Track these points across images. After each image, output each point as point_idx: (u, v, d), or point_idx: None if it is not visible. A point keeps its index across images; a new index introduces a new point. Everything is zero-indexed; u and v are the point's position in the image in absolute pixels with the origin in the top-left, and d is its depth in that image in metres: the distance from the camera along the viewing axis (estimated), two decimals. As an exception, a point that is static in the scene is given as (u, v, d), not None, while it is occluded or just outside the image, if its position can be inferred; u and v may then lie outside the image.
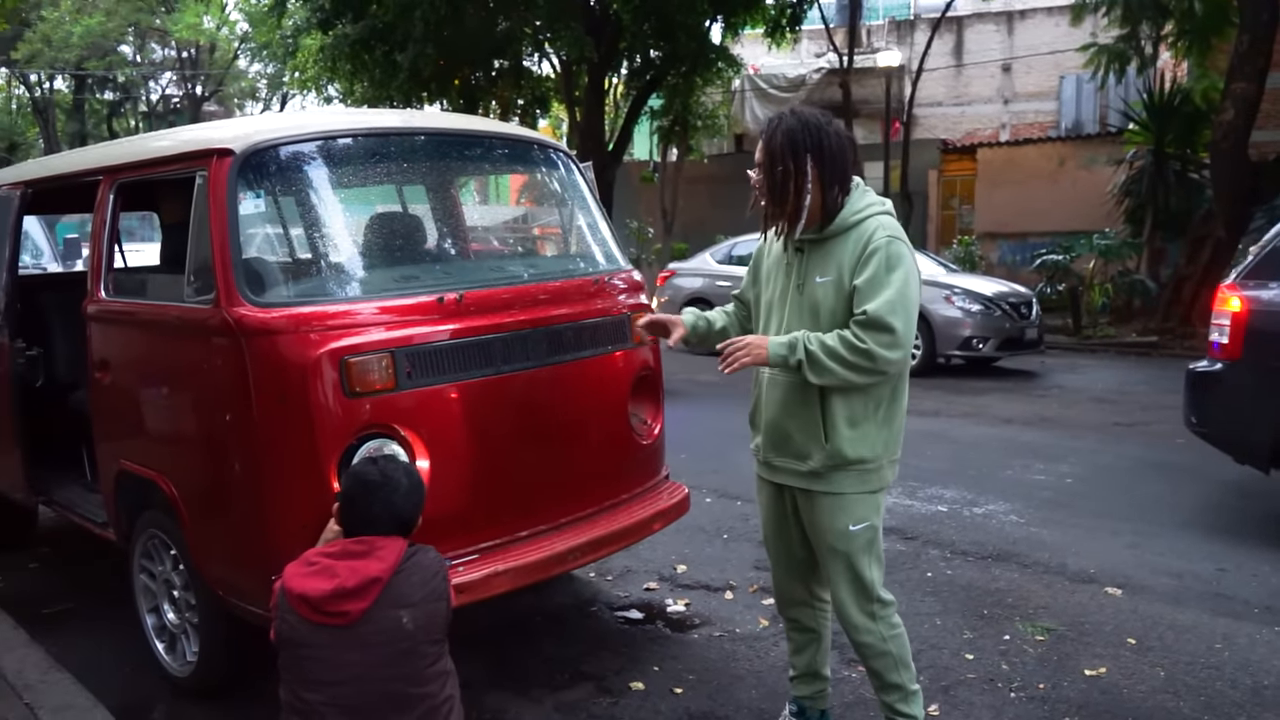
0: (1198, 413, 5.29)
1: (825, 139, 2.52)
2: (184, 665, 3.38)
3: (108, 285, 3.55)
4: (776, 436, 2.69)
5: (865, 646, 2.69)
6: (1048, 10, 21.61)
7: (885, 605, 2.69)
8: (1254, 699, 3.25)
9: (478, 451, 3.07)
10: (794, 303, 2.63)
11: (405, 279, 3.26)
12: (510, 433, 3.16)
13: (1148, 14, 14.55)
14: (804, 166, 2.51)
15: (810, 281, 2.59)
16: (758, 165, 2.61)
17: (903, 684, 2.70)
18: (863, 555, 2.63)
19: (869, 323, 2.44)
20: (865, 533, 2.63)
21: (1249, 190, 11.72)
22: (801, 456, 2.63)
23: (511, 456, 3.16)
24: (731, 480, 6.11)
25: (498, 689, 3.39)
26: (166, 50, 33.53)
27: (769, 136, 2.56)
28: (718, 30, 15.60)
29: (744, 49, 17.82)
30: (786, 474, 2.70)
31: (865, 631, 2.67)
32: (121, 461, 3.45)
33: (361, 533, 2.30)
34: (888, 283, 2.46)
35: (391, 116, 4.51)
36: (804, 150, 2.51)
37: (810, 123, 2.54)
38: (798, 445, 2.63)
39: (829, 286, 2.55)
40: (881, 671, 2.69)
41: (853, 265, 2.51)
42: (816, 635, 2.93)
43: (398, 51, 14.12)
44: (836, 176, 2.54)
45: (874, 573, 2.66)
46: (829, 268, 2.56)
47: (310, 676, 2.17)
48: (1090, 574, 4.39)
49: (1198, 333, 12.04)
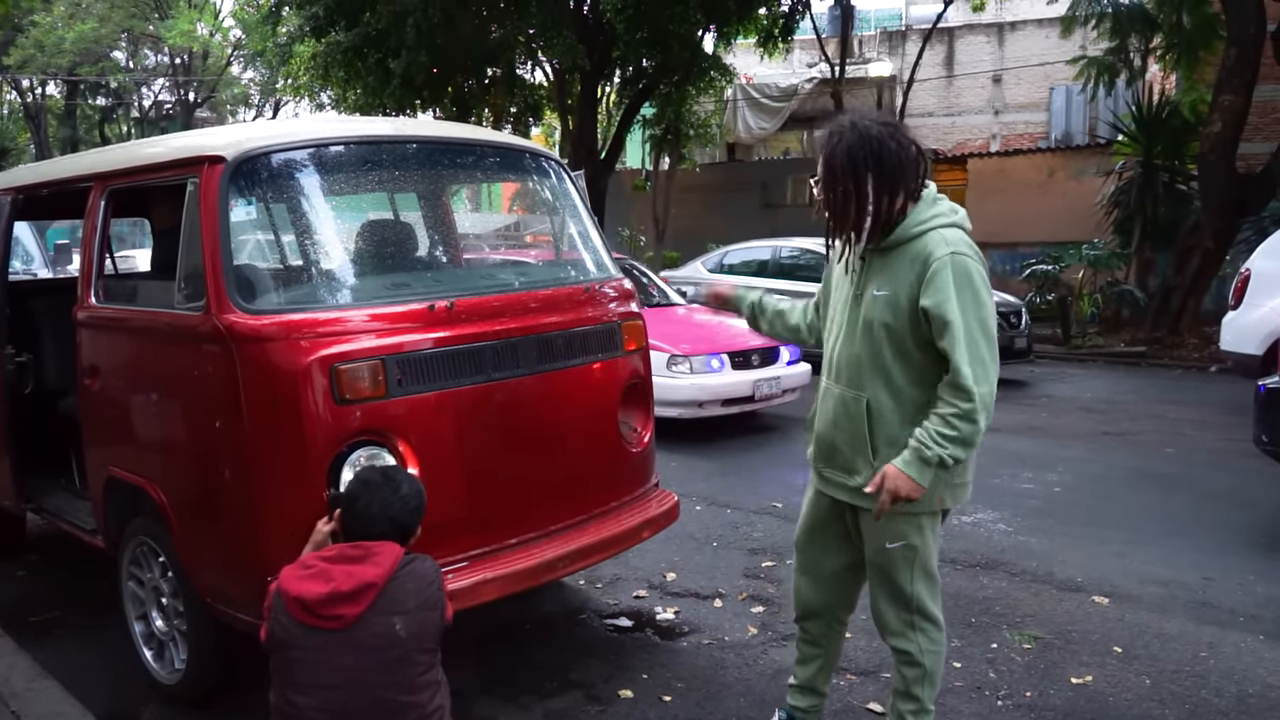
0: (1269, 430, 5.25)
1: (885, 153, 2.44)
2: (172, 673, 3.37)
3: (98, 291, 3.55)
4: (825, 448, 2.70)
5: (900, 652, 2.70)
6: (1038, 22, 21.74)
7: (927, 619, 2.66)
8: (1238, 707, 3.27)
9: (468, 459, 3.08)
10: (850, 315, 2.60)
11: (396, 286, 3.27)
12: (500, 440, 3.16)
13: (1137, 27, 14.67)
14: (864, 184, 2.43)
15: (867, 293, 2.54)
16: (819, 181, 2.56)
17: (922, 699, 2.70)
18: (901, 570, 2.61)
19: (956, 387, 2.37)
20: (902, 551, 2.59)
21: (1236, 202, 11.79)
22: (849, 471, 2.63)
23: (501, 464, 3.17)
24: (722, 488, 6.13)
25: (487, 696, 3.39)
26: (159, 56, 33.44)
27: (829, 153, 2.49)
28: (710, 40, 15.68)
29: (736, 58, 17.88)
30: (835, 487, 2.70)
31: (900, 638, 2.68)
32: (110, 468, 3.44)
33: (360, 537, 2.31)
34: (959, 331, 2.36)
35: (383, 124, 4.53)
36: (864, 169, 2.43)
37: (870, 136, 2.45)
38: (845, 459, 2.63)
39: (883, 302, 2.49)
40: (909, 680, 2.70)
41: (912, 282, 2.44)
42: (825, 653, 2.93)
43: (391, 59, 14.13)
44: (899, 188, 2.46)
45: (915, 587, 2.63)
46: (886, 282, 2.50)
47: (301, 680, 2.18)
48: (1078, 583, 4.41)
49: (1186, 342, 12.13)
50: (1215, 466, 6.62)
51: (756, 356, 7.69)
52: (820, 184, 2.56)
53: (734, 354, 7.52)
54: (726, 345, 7.56)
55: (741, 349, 7.57)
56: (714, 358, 7.43)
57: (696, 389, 7.29)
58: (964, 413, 2.37)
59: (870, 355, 2.53)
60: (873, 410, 2.53)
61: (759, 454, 7.00)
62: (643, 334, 3.77)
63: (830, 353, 2.69)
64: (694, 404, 7.33)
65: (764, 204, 19.27)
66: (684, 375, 7.30)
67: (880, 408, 2.53)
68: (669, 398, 7.09)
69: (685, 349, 7.39)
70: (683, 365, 7.31)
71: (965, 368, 2.35)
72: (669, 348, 7.31)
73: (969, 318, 2.38)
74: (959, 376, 2.36)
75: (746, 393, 7.53)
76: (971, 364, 2.36)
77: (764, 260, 11.44)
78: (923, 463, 2.39)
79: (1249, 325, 7.90)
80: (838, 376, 2.63)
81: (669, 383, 7.11)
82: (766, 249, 11.68)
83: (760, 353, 7.72)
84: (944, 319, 2.37)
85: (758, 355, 7.71)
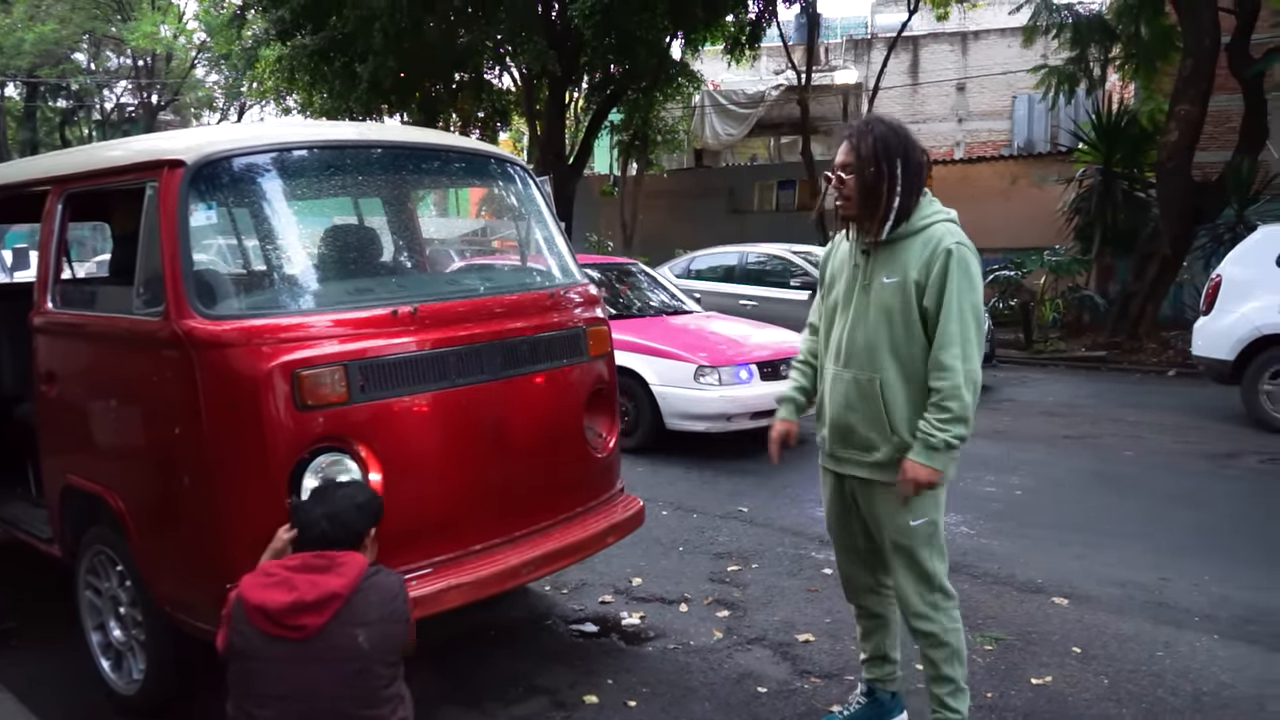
0: None
1: (910, 148, 2.69)
2: (130, 684, 3.32)
3: (55, 296, 3.50)
4: (841, 430, 2.81)
5: (927, 636, 2.78)
6: (1001, 32, 22.04)
7: (948, 597, 2.80)
8: (1193, 705, 3.33)
9: (431, 465, 3.07)
10: (859, 303, 2.75)
11: (359, 292, 3.25)
12: (464, 446, 3.15)
13: (1096, 37, 14.91)
14: (895, 170, 2.65)
15: (877, 282, 2.71)
16: (842, 167, 2.70)
17: (955, 678, 2.80)
18: (924, 548, 2.75)
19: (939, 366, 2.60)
20: (926, 527, 2.74)
21: (1193, 209, 12.01)
22: (867, 448, 2.75)
23: (465, 470, 3.16)
24: (688, 493, 6.14)
25: (451, 704, 3.37)
26: (122, 59, 33.01)
27: (858, 141, 2.66)
28: (678, 46, 15.73)
29: (704, 65, 17.97)
30: (851, 464, 2.81)
31: (927, 620, 2.77)
32: (68, 476, 3.40)
33: (315, 546, 2.29)
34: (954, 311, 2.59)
35: (347, 129, 4.50)
36: (895, 155, 2.65)
37: (899, 130, 2.70)
38: (862, 438, 2.75)
39: (893, 288, 2.68)
40: (938, 662, 2.79)
41: (920, 267, 2.64)
42: (884, 620, 3.04)
43: (358, 63, 14.05)
44: (915, 182, 2.68)
45: (935, 564, 2.77)
46: (895, 269, 2.68)
47: (259, 691, 2.16)
48: (1038, 584, 4.47)
49: (1145, 347, 12.32)
50: (1172, 470, 6.73)
51: (784, 366, 7.00)
52: (844, 169, 2.69)
53: (762, 364, 7.10)
54: (754, 355, 7.22)
55: (769, 359, 7.17)
56: (743, 368, 7.01)
57: (726, 402, 6.88)
58: (949, 390, 2.58)
59: (882, 338, 2.69)
60: (886, 389, 2.69)
61: (725, 459, 7.02)
62: (608, 339, 3.78)
63: (837, 340, 2.81)
64: (722, 418, 6.93)
65: (731, 209, 19.37)
66: (712, 387, 6.88)
67: (893, 386, 2.69)
68: (695, 410, 6.91)
69: (713, 359, 6.99)
70: (711, 377, 6.88)
71: (951, 346, 2.59)
72: (694, 358, 6.98)
73: (964, 302, 2.60)
74: (941, 352, 2.59)
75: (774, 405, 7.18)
76: (960, 343, 2.59)
77: (731, 265, 11.47)
78: (932, 450, 2.60)
79: (1220, 331, 8.04)
80: (847, 362, 2.76)
81: (695, 395, 6.88)
82: (734, 254, 11.72)
83: (787, 362, 7.33)
84: (940, 299, 2.60)
85: (785, 365, 6.98)
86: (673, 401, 7.00)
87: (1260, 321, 7.75)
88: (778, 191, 19.92)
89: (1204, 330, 8.26)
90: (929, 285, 2.62)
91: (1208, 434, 7.76)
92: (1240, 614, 4.10)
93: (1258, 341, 7.77)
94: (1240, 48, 11.75)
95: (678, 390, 6.97)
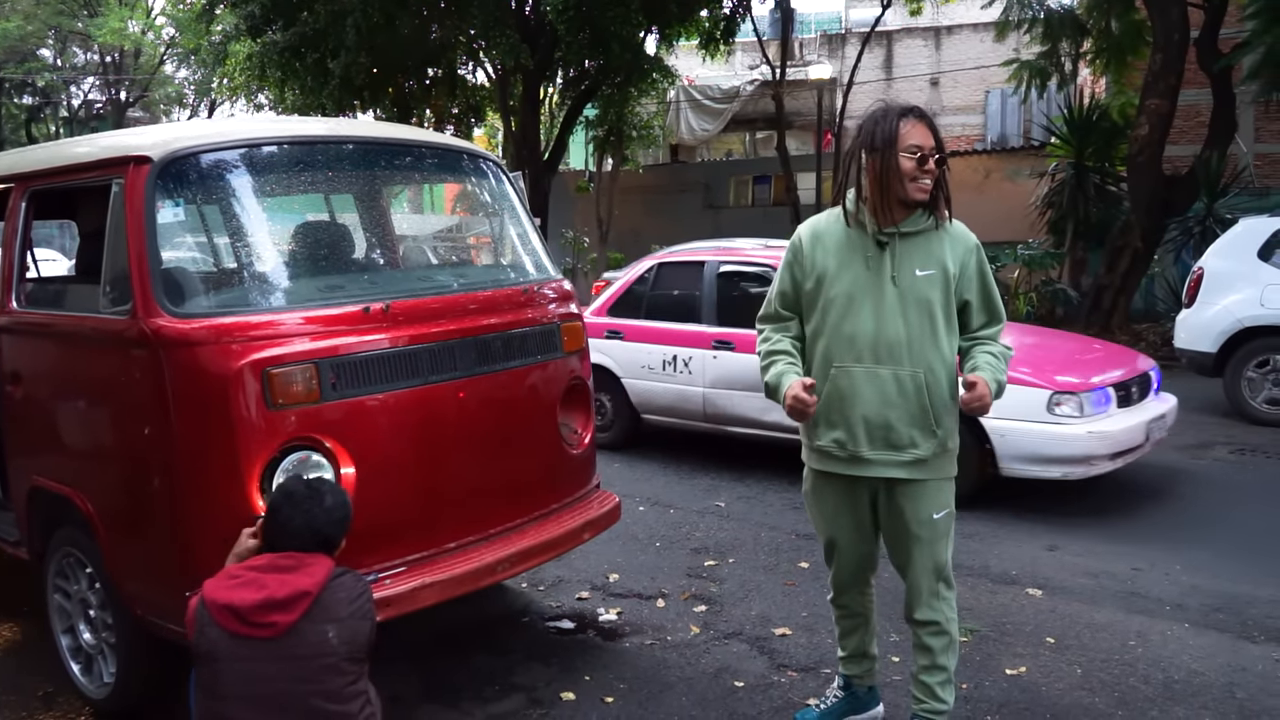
0: None
1: None
2: (101, 687, 3.28)
3: (19, 296, 3.45)
4: (878, 429, 2.69)
5: (930, 625, 2.80)
6: (974, 26, 22.16)
7: (950, 588, 2.83)
8: (1165, 693, 3.37)
9: (405, 463, 3.04)
10: (891, 294, 2.66)
11: (330, 289, 3.22)
12: (438, 443, 3.13)
13: (1067, 32, 14.99)
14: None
15: (908, 274, 2.66)
16: (933, 150, 2.62)
17: (949, 668, 2.82)
18: (942, 539, 2.77)
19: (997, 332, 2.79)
20: (946, 519, 2.78)
21: (1163, 202, 12.12)
22: (904, 446, 2.69)
23: (439, 467, 3.14)
24: (664, 489, 6.14)
25: (429, 702, 3.36)
26: (89, 55, 32.57)
27: (933, 123, 2.65)
28: (652, 42, 15.72)
29: (679, 60, 17.97)
30: (883, 465, 2.71)
31: (935, 610, 2.79)
32: (34, 478, 3.35)
33: (285, 547, 2.28)
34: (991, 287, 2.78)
35: (317, 125, 4.46)
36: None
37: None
38: (900, 435, 2.68)
39: (934, 280, 2.66)
40: (936, 651, 2.80)
41: (955, 260, 2.69)
42: (865, 618, 3.05)
43: (329, 59, 13.92)
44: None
45: (948, 555, 2.80)
46: (929, 261, 2.67)
47: (227, 691, 2.15)
48: (1012, 576, 4.50)
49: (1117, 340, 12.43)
50: (1143, 461, 6.79)
51: (1135, 387, 5.58)
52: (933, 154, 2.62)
53: (1117, 386, 5.44)
54: (1109, 375, 5.49)
55: (1120, 379, 5.49)
56: (1101, 392, 5.29)
57: (1094, 439, 5.15)
58: (1007, 347, 2.77)
59: (925, 332, 2.67)
60: (930, 383, 2.67)
61: (701, 454, 7.02)
62: (582, 335, 3.77)
63: (863, 336, 2.66)
64: (1084, 460, 5.21)
65: (707, 205, 19.38)
66: (1073, 421, 5.14)
67: (939, 381, 2.69)
68: (1050, 452, 5.18)
69: (1072, 383, 5.26)
70: (1071, 405, 5.15)
71: (1002, 311, 2.77)
72: (1043, 383, 5.22)
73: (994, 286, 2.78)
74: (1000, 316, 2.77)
75: (1139, 440, 5.38)
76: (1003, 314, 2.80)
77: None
78: (1000, 384, 2.68)
79: (1203, 323, 8.08)
80: (879, 358, 2.66)
81: (1051, 431, 5.14)
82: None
83: (1138, 381, 5.62)
84: (982, 288, 2.75)
85: (1136, 385, 5.60)
86: (1015, 441, 5.22)
87: (1243, 314, 7.80)
88: (753, 186, 19.96)
89: (1186, 323, 8.28)
90: (963, 278, 2.69)
91: (1180, 425, 7.84)
92: (1210, 603, 4.15)
93: (1240, 334, 7.83)
94: (1209, 43, 11.86)
95: (1022, 425, 5.18)
